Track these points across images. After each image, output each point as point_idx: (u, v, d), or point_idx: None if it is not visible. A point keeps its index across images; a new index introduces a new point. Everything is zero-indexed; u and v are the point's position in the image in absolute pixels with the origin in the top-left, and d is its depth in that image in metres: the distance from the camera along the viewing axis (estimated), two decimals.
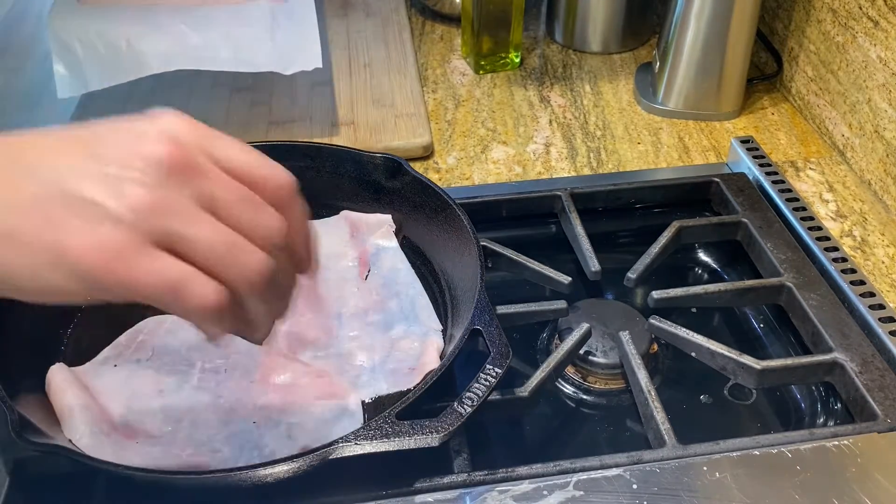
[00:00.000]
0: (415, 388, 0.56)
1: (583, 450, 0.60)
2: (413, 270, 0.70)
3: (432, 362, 0.61)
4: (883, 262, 0.76)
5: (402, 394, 0.59)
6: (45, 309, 0.63)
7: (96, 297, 0.38)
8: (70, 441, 0.55)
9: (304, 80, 0.92)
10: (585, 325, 0.67)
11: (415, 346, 0.64)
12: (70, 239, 0.36)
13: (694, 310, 0.75)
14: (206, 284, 0.38)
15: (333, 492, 0.55)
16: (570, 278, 0.71)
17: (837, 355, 0.64)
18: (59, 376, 0.60)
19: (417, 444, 0.52)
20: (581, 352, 0.68)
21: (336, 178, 0.74)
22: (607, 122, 0.95)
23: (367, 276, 0.70)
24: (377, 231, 0.73)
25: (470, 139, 0.92)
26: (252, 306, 0.41)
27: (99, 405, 0.59)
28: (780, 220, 0.77)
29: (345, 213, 0.75)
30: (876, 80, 0.81)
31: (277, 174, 0.42)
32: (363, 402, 0.60)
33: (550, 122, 0.95)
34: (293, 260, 0.43)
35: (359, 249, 0.72)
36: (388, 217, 0.73)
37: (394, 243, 0.72)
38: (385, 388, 0.61)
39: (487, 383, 0.54)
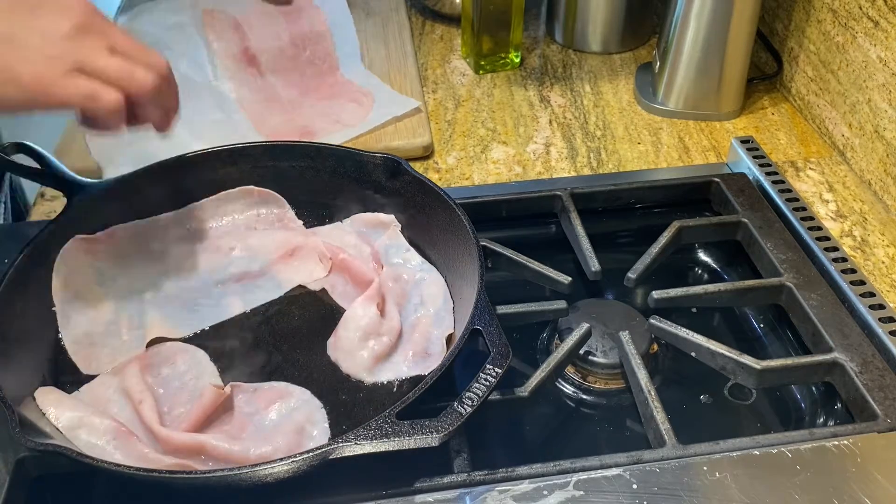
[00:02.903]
0: (417, 386, 0.56)
1: (583, 450, 0.60)
2: (425, 260, 0.71)
3: (446, 347, 0.63)
4: (883, 262, 0.76)
5: (420, 378, 0.61)
6: (45, 312, 0.63)
7: (34, 107, 0.54)
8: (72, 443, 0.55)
9: None
10: (585, 325, 0.67)
11: (431, 332, 0.65)
12: (21, 67, 0.53)
13: (694, 310, 0.75)
14: (110, 92, 0.55)
15: (333, 492, 0.55)
16: (570, 278, 0.71)
17: (837, 355, 0.64)
18: (51, 396, 0.59)
19: (417, 444, 0.52)
20: (581, 352, 0.68)
21: (336, 178, 0.74)
22: (607, 122, 0.95)
23: (381, 271, 0.71)
24: (385, 231, 0.73)
25: (470, 139, 0.92)
26: (148, 110, 0.58)
27: (100, 412, 0.59)
28: (780, 220, 0.77)
29: (353, 217, 0.75)
30: (876, 80, 0.81)
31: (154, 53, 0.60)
32: (384, 382, 0.63)
33: (550, 122, 0.95)
34: (171, 90, 0.60)
35: (370, 247, 0.72)
36: (392, 217, 0.73)
37: (402, 241, 0.72)
38: (406, 371, 0.63)
39: (487, 383, 0.54)
